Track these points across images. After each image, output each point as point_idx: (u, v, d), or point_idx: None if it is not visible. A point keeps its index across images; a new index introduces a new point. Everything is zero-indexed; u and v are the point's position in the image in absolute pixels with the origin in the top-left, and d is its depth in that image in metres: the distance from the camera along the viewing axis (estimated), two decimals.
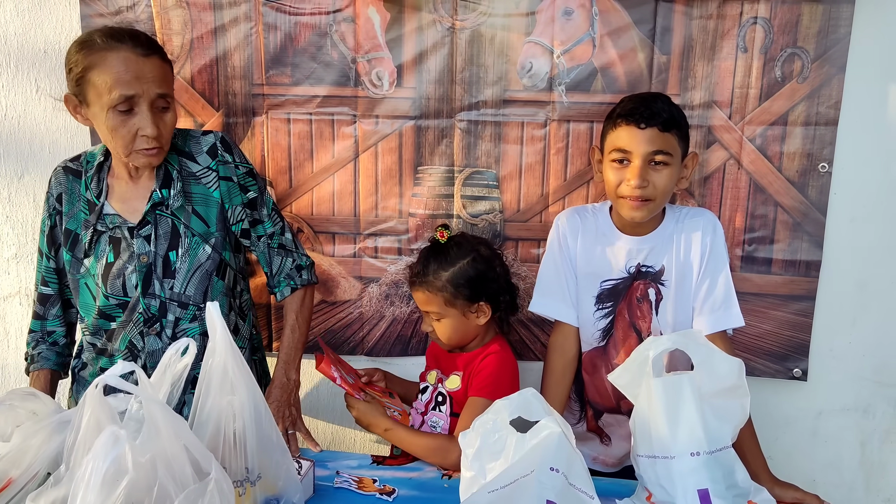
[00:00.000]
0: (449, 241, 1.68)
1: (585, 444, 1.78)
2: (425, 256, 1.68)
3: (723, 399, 1.35)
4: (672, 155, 1.55)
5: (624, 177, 1.56)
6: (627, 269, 1.66)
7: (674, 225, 1.65)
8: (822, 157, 1.83)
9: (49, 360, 1.71)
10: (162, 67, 1.53)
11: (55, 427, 1.18)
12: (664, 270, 1.65)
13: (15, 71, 1.98)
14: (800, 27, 1.78)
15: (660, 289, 1.66)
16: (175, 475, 1.02)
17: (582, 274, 1.70)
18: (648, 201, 1.56)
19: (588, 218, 1.71)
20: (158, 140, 1.53)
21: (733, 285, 1.64)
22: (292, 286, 1.76)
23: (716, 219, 1.66)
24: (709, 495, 1.31)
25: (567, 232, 1.70)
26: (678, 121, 1.57)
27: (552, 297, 1.71)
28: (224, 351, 1.18)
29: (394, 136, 1.94)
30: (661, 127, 1.53)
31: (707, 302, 1.63)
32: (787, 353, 1.93)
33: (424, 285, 1.66)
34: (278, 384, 1.69)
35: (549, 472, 1.18)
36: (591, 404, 1.77)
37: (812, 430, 2.02)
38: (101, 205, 1.62)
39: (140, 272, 1.61)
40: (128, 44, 1.50)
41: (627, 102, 1.59)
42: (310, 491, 1.43)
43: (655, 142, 1.53)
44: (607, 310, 1.69)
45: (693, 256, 1.63)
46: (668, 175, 1.55)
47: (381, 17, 1.87)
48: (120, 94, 1.47)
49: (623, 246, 1.66)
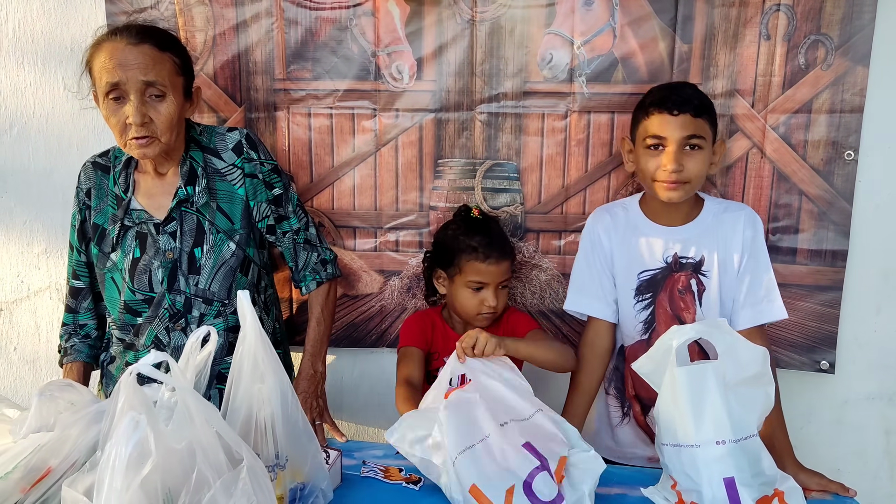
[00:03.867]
0: (484, 217, 1.83)
1: (637, 446, 1.78)
2: (486, 231, 1.77)
3: (747, 387, 1.35)
4: (705, 139, 1.60)
5: (659, 162, 1.60)
6: (665, 258, 1.68)
7: (712, 218, 1.68)
8: (847, 144, 1.81)
9: (82, 352, 1.74)
10: (152, 55, 1.51)
11: (92, 417, 1.20)
12: (704, 261, 1.67)
13: (42, 69, 2.01)
14: (823, 14, 1.77)
15: (701, 279, 1.67)
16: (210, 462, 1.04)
17: (619, 269, 1.72)
18: (684, 183, 1.60)
19: (619, 214, 1.74)
20: (148, 129, 1.51)
21: (775, 278, 1.66)
22: (318, 280, 1.78)
23: (755, 214, 1.69)
24: (735, 484, 1.31)
25: (600, 230, 1.73)
26: (708, 107, 1.62)
27: (585, 294, 1.74)
28: (254, 339, 1.20)
29: (414, 129, 1.95)
30: (693, 112, 1.58)
31: (749, 296, 1.65)
32: (813, 344, 1.92)
33: (509, 254, 1.78)
34: (305, 376, 1.71)
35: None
36: (638, 399, 1.77)
37: (837, 418, 2.01)
38: (129, 200, 1.65)
39: (165, 268, 1.63)
40: (119, 35, 1.51)
41: (657, 91, 1.64)
42: (337, 480, 1.45)
43: (688, 127, 1.58)
44: (647, 301, 1.70)
45: (733, 250, 1.66)
46: (701, 159, 1.60)
47: (401, 10, 1.88)
48: (106, 81, 1.49)
49: (658, 236, 1.69)
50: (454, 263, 1.76)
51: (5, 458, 1.17)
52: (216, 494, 1.02)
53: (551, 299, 1.99)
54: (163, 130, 1.54)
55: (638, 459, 1.76)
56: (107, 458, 0.97)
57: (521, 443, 1.34)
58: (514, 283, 1.98)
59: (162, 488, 1.02)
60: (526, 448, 1.33)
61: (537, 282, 1.99)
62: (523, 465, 1.31)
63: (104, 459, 0.98)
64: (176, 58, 1.57)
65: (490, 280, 1.73)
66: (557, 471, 1.33)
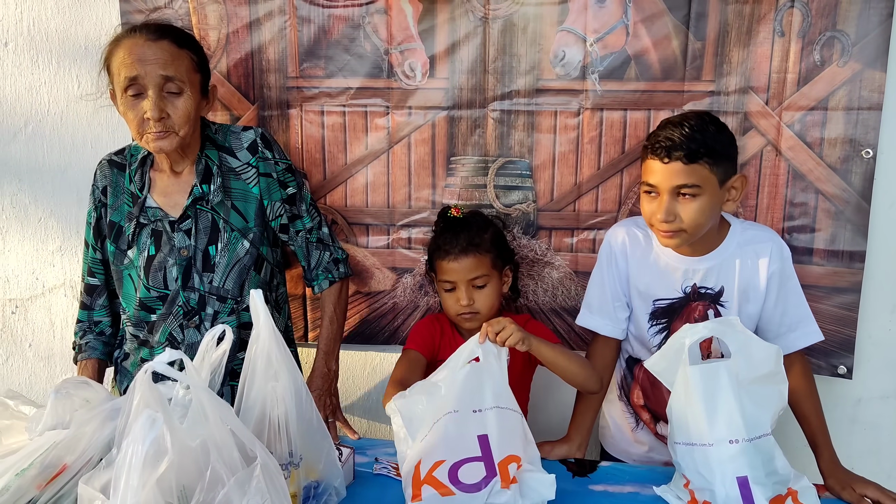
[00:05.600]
0: (465, 214, 1.78)
1: (653, 450, 1.77)
2: (456, 228, 1.71)
3: (761, 386, 1.35)
4: (700, 186, 1.49)
5: (653, 209, 1.54)
6: (683, 289, 1.63)
7: (735, 247, 1.61)
8: (865, 142, 1.79)
9: (96, 349, 1.75)
10: (170, 51, 1.53)
11: (108, 414, 1.21)
12: (724, 292, 1.61)
13: (57, 67, 2.03)
14: (839, 10, 1.74)
15: (719, 310, 1.62)
16: (224, 459, 1.05)
17: (635, 292, 1.68)
18: (680, 231, 1.53)
19: (637, 235, 1.68)
20: (165, 124, 1.53)
21: (807, 302, 1.63)
22: (330, 279, 1.79)
23: (782, 242, 1.63)
24: (748, 483, 1.30)
25: (616, 250, 1.70)
26: (710, 148, 1.49)
27: (597, 313, 1.73)
28: (268, 337, 1.21)
29: (426, 126, 1.94)
30: (685, 160, 1.48)
31: (783, 325, 1.62)
32: (831, 349, 1.88)
33: (474, 249, 1.68)
34: (319, 374, 1.72)
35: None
36: (647, 409, 1.76)
37: (851, 417, 2.00)
38: (144, 198, 1.66)
39: (180, 265, 1.64)
40: (139, 32, 1.53)
41: (657, 131, 1.54)
42: (350, 477, 1.46)
43: (680, 176, 1.49)
44: (661, 325, 1.67)
45: (759, 283, 1.60)
46: (697, 207, 1.50)
47: (414, 7, 1.88)
48: (124, 75, 1.51)
49: (678, 266, 1.63)
50: (433, 266, 1.75)
51: (21, 455, 1.18)
52: (230, 492, 1.03)
53: (564, 297, 1.99)
54: (180, 125, 1.56)
55: (654, 464, 1.75)
56: (123, 455, 0.98)
57: (478, 433, 1.33)
58: (526, 281, 1.98)
59: (177, 486, 1.03)
60: (479, 439, 1.33)
61: (549, 280, 1.99)
62: (463, 450, 1.32)
63: (121, 457, 0.99)
64: (193, 55, 1.59)
65: (456, 278, 1.68)
66: (502, 464, 1.32)
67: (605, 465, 1.56)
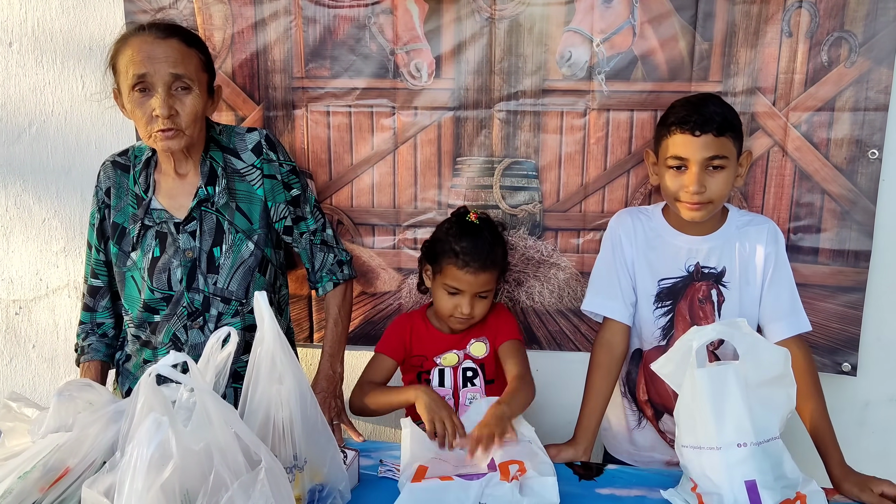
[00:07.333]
0: (480, 221, 1.75)
1: (655, 450, 1.77)
2: (475, 238, 1.69)
3: (769, 389, 1.34)
4: (728, 158, 1.57)
5: (682, 182, 1.58)
6: (686, 267, 1.67)
7: (735, 229, 1.67)
8: (871, 143, 1.79)
9: (99, 351, 1.74)
10: (180, 49, 1.53)
11: (111, 417, 1.20)
12: (725, 272, 1.66)
13: (61, 68, 2.02)
14: (847, 10, 1.74)
15: (722, 290, 1.66)
16: (228, 463, 1.04)
17: (639, 274, 1.70)
18: (708, 203, 1.58)
19: (642, 220, 1.72)
20: (173, 121, 1.53)
21: (798, 293, 1.66)
22: (335, 281, 1.78)
23: (777, 228, 1.68)
24: (756, 487, 1.29)
25: (621, 233, 1.72)
26: (732, 122, 1.58)
27: (603, 294, 1.72)
28: (272, 340, 1.20)
29: (432, 127, 1.94)
30: (715, 132, 1.55)
31: (775, 311, 1.64)
32: (835, 346, 1.90)
33: (491, 265, 1.70)
34: (324, 376, 1.71)
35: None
36: (651, 405, 1.76)
37: (859, 420, 1.99)
38: (149, 200, 1.65)
39: (185, 267, 1.64)
40: (147, 30, 1.53)
41: (680, 109, 1.60)
42: (355, 480, 1.45)
43: (711, 147, 1.55)
44: (666, 308, 1.69)
45: (756, 265, 1.65)
46: (724, 178, 1.58)
47: (420, 8, 1.87)
48: (133, 73, 1.50)
49: (681, 245, 1.67)
50: (438, 262, 1.73)
51: (24, 457, 1.18)
52: (234, 496, 1.02)
53: (569, 298, 1.98)
54: (188, 123, 1.55)
55: (656, 463, 1.74)
56: (128, 459, 0.97)
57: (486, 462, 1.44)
58: (532, 282, 1.97)
59: (180, 489, 1.02)
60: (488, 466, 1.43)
61: (555, 280, 1.98)
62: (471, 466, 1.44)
63: (125, 460, 0.98)
64: (201, 54, 1.59)
65: (465, 288, 1.69)
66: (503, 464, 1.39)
67: (612, 468, 1.55)
